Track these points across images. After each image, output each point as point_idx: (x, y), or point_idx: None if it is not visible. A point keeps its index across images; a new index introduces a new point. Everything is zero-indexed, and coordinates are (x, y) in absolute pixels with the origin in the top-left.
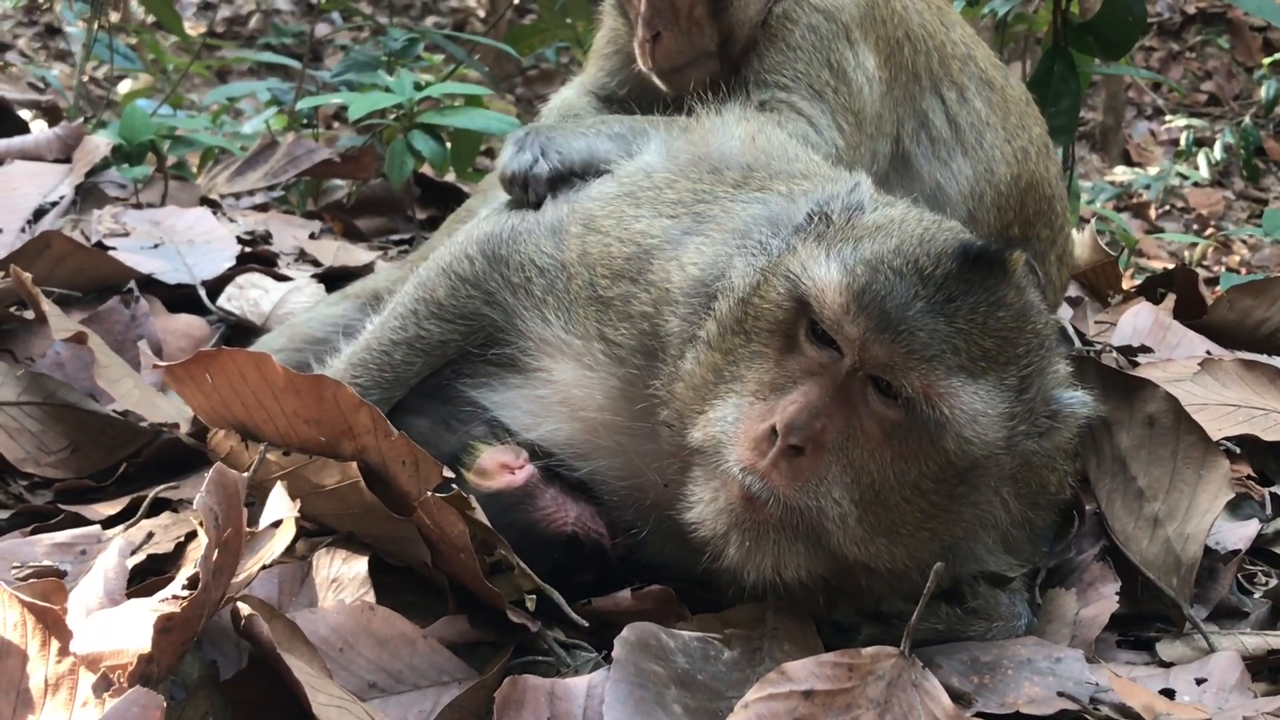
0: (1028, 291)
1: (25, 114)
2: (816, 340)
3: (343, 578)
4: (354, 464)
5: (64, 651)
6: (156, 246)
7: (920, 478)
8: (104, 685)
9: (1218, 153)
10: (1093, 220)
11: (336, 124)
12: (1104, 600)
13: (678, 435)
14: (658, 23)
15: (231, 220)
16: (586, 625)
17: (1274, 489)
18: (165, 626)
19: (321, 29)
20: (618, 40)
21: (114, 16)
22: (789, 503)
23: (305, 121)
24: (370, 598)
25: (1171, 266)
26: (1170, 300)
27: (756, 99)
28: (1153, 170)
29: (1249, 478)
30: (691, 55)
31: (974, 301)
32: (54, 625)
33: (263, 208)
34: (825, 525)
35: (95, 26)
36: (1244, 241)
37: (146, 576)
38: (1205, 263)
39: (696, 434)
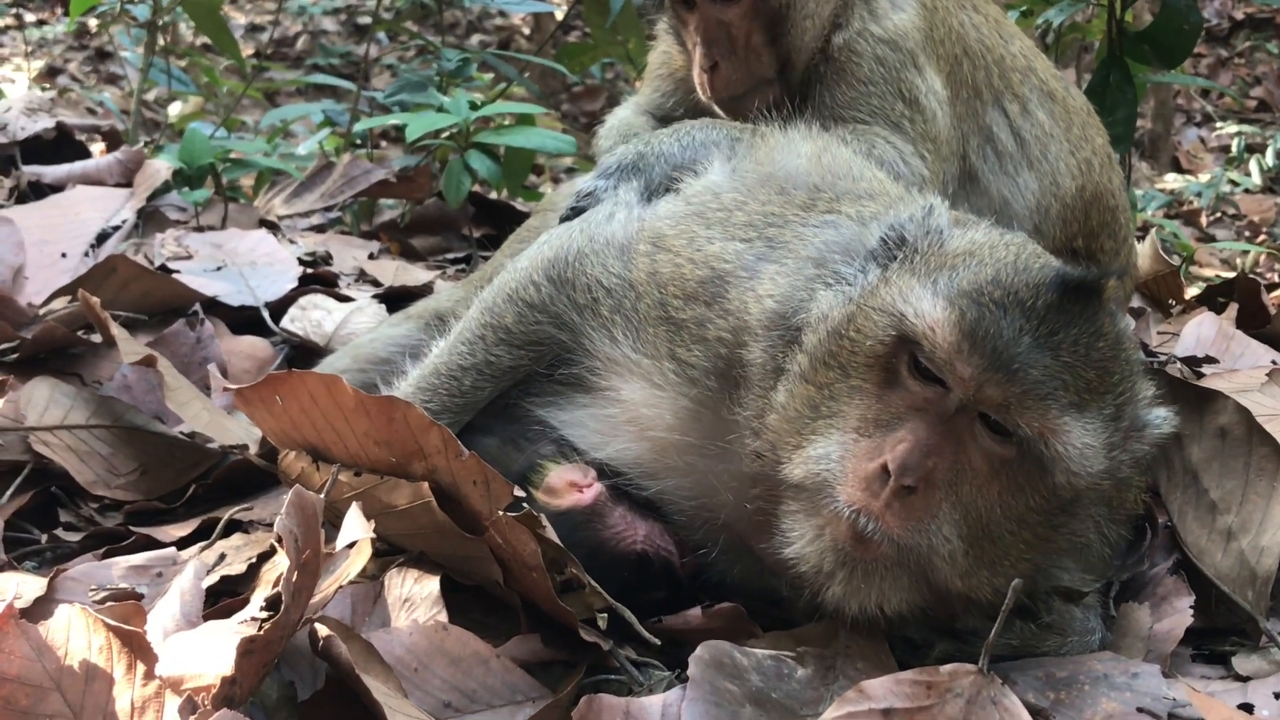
0: (1118, 317)
1: (84, 139)
2: (921, 376)
3: (415, 597)
4: (425, 484)
5: (149, 675)
6: (219, 269)
7: (1026, 510)
8: (190, 708)
9: (1269, 159)
10: (1154, 230)
11: (384, 143)
12: (1178, 614)
13: (770, 468)
14: (715, 53)
15: (291, 242)
16: (658, 643)
17: None
18: (248, 649)
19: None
20: (672, 63)
21: (163, 40)
22: (900, 542)
23: (358, 142)
24: (443, 617)
25: (1225, 275)
26: (1233, 309)
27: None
28: (1203, 177)
29: None
30: (750, 83)
31: (1076, 334)
32: (139, 648)
33: (320, 229)
34: (934, 561)
35: (152, 51)
36: None
37: (220, 598)
38: (1258, 270)
39: (796, 470)
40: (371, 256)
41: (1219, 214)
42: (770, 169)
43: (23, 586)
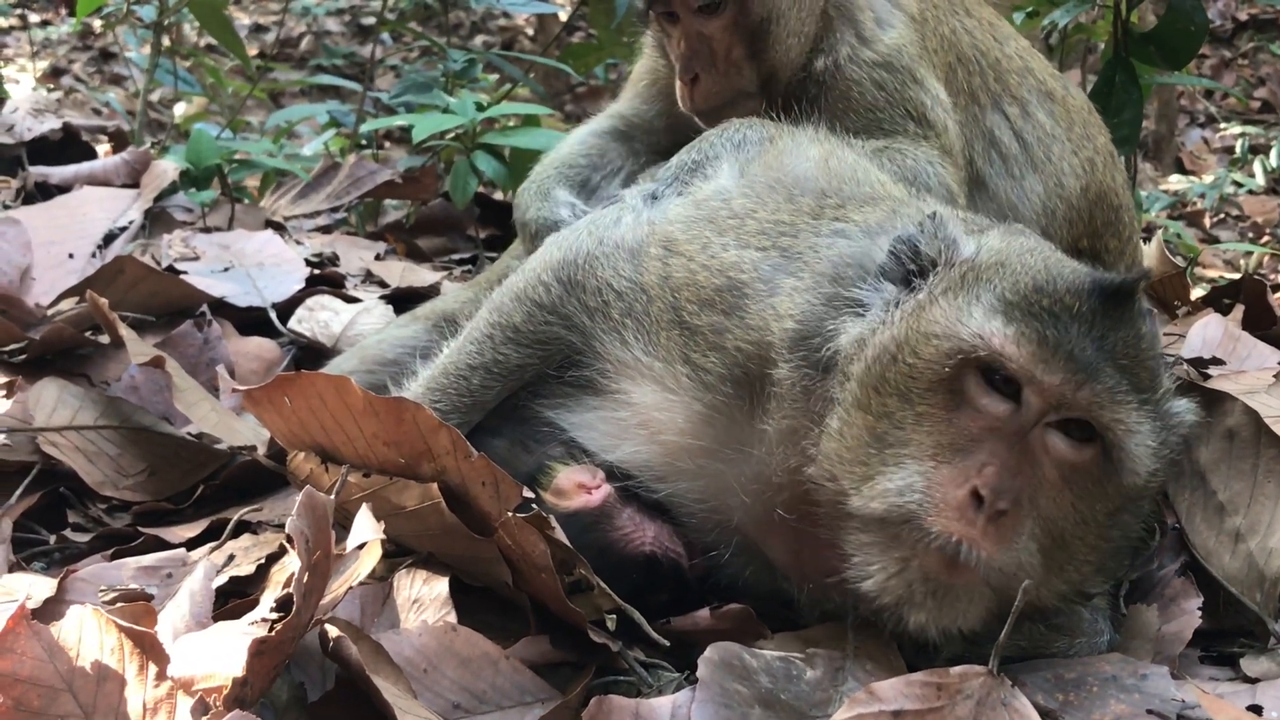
0: (1145, 315)
1: (90, 139)
2: (994, 393)
3: (424, 598)
4: (434, 485)
5: (161, 676)
6: (227, 270)
7: (1093, 514)
8: (201, 709)
9: (1273, 159)
10: (1159, 232)
11: (389, 144)
12: (1186, 616)
13: (832, 496)
14: (696, 65)
15: (298, 243)
16: (667, 645)
17: None
18: (259, 650)
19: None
20: (656, 74)
21: (167, 41)
22: (995, 565)
23: (364, 143)
24: (452, 618)
25: (1229, 276)
26: (1239, 311)
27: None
28: (1207, 178)
29: None
30: (730, 96)
31: (1124, 336)
32: (151, 649)
33: (326, 230)
34: (1019, 576)
35: (157, 52)
36: None
37: (229, 599)
38: (1262, 271)
39: (874, 504)
40: (378, 257)
41: (1223, 215)
42: (779, 174)
43: (33, 587)
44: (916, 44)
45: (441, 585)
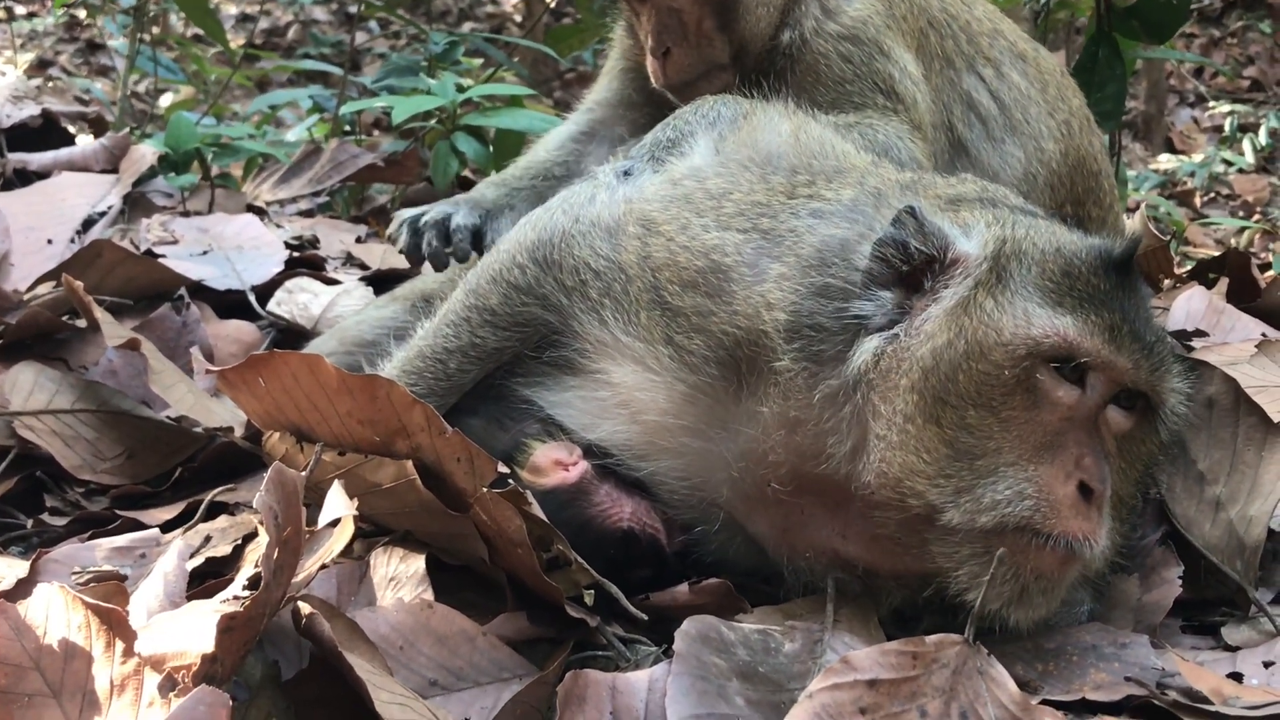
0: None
1: (71, 126)
2: (1065, 382)
3: (400, 576)
4: (409, 462)
5: (129, 652)
6: (205, 253)
7: (1135, 474)
8: (169, 685)
9: (1263, 138)
10: (1143, 205)
11: (376, 131)
12: (1167, 585)
13: (918, 510)
14: (667, 39)
15: (278, 226)
16: (645, 619)
17: None
18: (228, 626)
19: (359, 37)
20: (628, 56)
21: (155, 30)
22: (1101, 549)
23: (347, 129)
24: (429, 595)
25: (1217, 254)
26: (1223, 284)
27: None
28: (1197, 157)
29: None
30: (702, 69)
31: (1136, 302)
32: (118, 626)
33: (308, 214)
34: (1102, 556)
35: (138, 39)
36: None
37: (205, 579)
38: (1251, 250)
39: (982, 519)
40: (359, 240)
41: (1213, 194)
42: (752, 151)
43: (5, 569)
44: (883, 14)
45: (418, 563)
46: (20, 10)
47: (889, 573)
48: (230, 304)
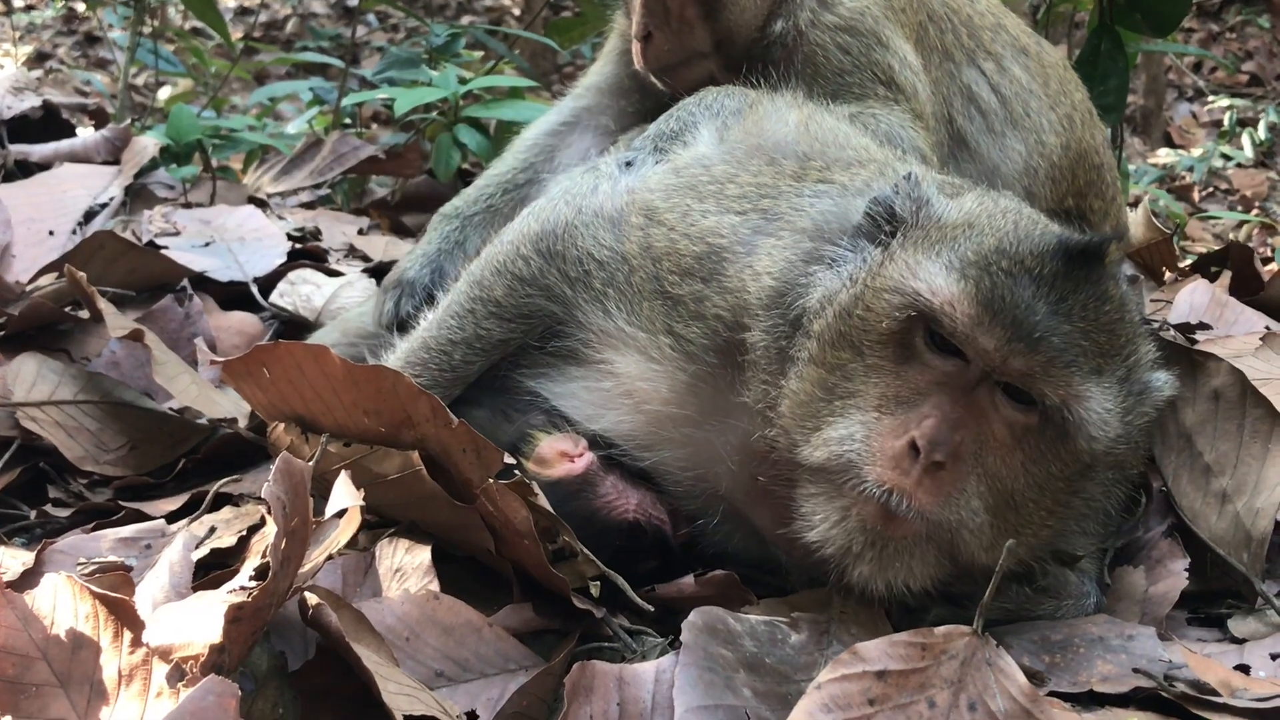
0: (1120, 279)
1: (72, 118)
2: (939, 349)
3: (406, 567)
4: (415, 453)
5: (136, 643)
6: (208, 245)
7: (1048, 478)
8: (177, 675)
9: (1261, 132)
10: (1145, 198)
11: (375, 125)
12: (1173, 577)
13: (786, 452)
14: (650, 22)
15: (280, 218)
16: (652, 611)
17: None
18: (236, 616)
19: (358, 31)
20: (624, 39)
21: (156, 23)
22: (932, 518)
23: (348, 121)
24: (434, 586)
25: (1217, 249)
26: (1226, 277)
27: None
28: (1196, 152)
29: None
30: (683, 55)
31: (1084, 299)
32: (126, 617)
33: (309, 206)
34: (963, 535)
35: (138, 31)
36: None
37: (210, 570)
38: (1250, 244)
39: (817, 453)
40: (361, 232)
41: (1211, 188)
42: (759, 139)
43: (10, 560)
44: (881, 5)
45: (424, 554)
46: (18, 3)
47: None
48: (233, 296)
